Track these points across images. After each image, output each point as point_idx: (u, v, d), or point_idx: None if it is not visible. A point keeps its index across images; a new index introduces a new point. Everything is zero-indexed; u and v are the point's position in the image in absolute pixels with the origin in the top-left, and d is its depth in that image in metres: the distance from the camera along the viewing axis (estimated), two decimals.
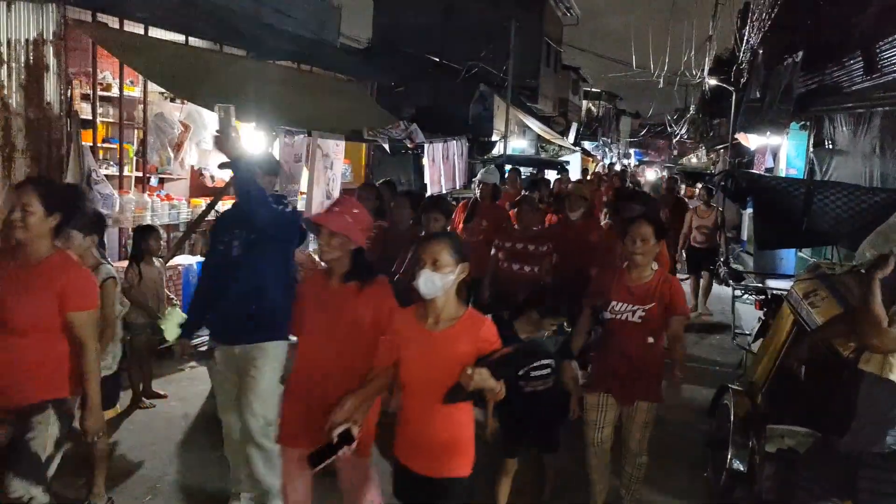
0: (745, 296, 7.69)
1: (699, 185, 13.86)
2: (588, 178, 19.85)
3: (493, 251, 6.15)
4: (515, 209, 6.50)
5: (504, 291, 5.74)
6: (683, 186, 16.96)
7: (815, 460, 3.26)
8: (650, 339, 3.93)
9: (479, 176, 7.95)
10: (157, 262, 5.97)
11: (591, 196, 7.48)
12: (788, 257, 10.01)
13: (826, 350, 3.54)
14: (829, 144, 10.17)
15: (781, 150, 12.61)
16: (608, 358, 4.06)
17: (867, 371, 2.99)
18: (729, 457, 4.04)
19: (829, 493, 3.08)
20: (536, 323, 4.08)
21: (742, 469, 3.95)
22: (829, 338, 3.53)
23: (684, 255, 10.24)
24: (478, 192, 7.46)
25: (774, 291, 6.52)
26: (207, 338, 4.17)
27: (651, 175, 29.58)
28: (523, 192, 9.06)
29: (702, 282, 10.03)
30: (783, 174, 11.65)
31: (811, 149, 10.95)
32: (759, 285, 7.40)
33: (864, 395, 3.00)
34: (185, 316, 4.66)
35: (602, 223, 7.05)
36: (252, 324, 3.79)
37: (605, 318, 3.99)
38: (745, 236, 14.14)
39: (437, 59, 21.83)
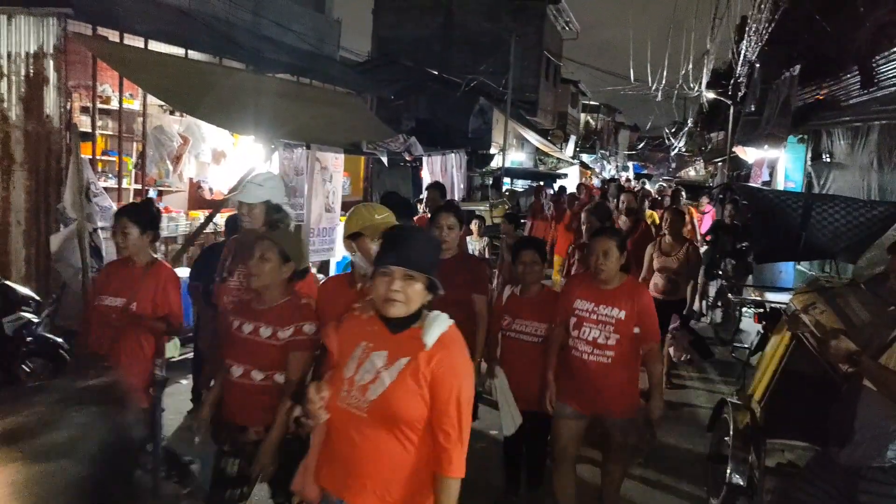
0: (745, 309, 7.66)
1: (705, 200, 13.78)
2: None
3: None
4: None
5: None
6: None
7: (815, 474, 3.24)
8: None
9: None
10: None
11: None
12: (787, 270, 10.01)
13: (825, 364, 3.53)
14: (826, 158, 10.19)
15: (779, 164, 12.64)
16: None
17: (867, 385, 2.98)
18: (729, 471, 4.02)
19: None
20: None
21: (742, 483, 3.92)
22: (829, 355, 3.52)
23: None
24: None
25: (773, 305, 6.51)
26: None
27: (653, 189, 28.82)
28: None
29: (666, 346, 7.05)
30: (781, 187, 11.66)
31: (809, 162, 10.97)
32: (758, 298, 7.39)
33: (864, 409, 2.98)
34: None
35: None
36: None
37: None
38: None
39: (437, 73, 21.92)
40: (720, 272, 9.07)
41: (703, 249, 11.01)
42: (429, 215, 9.50)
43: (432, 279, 2.28)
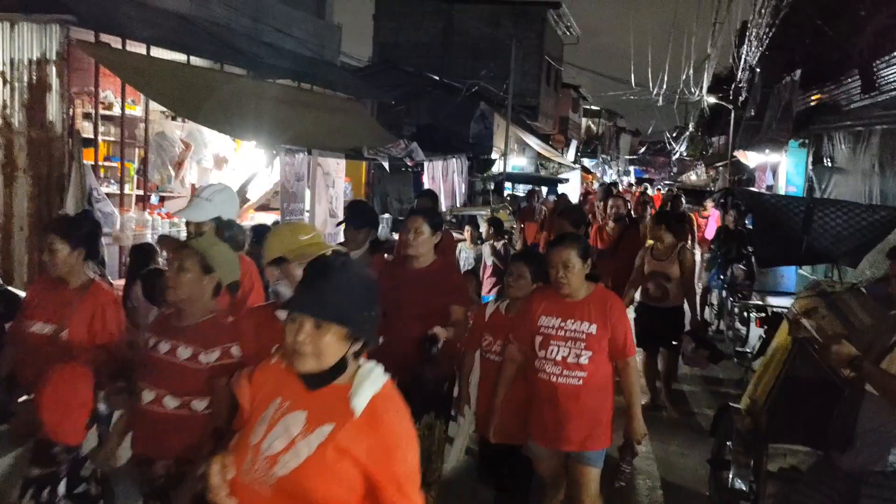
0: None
1: (710, 204, 13.57)
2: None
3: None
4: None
5: None
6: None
7: (816, 479, 3.24)
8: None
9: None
10: None
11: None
12: (789, 275, 10.01)
13: (827, 368, 3.53)
14: (828, 162, 10.20)
15: (781, 168, 12.65)
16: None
17: (869, 390, 2.98)
18: (731, 476, 4.01)
19: None
20: None
21: (744, 488, 3.92)
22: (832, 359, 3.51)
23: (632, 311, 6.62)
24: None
25: (775, 309, 6.51)
26: None
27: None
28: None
29: (660, 362, 6.51)
30: (783, 192, 11.67)
31: (810, 166, 10.98)
32: (760, 303, 7.39)
33: (866, 414, 2.98)
34: None
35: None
36: None
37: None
38: None
39: (437, 78, 21.94)
40: (725, 279, 8.95)
41: (706, 255, 11.00)
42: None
43: (357, 328, 1.85)
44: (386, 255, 5.02)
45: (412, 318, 3.66)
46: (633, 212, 11.78)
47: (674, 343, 6.33)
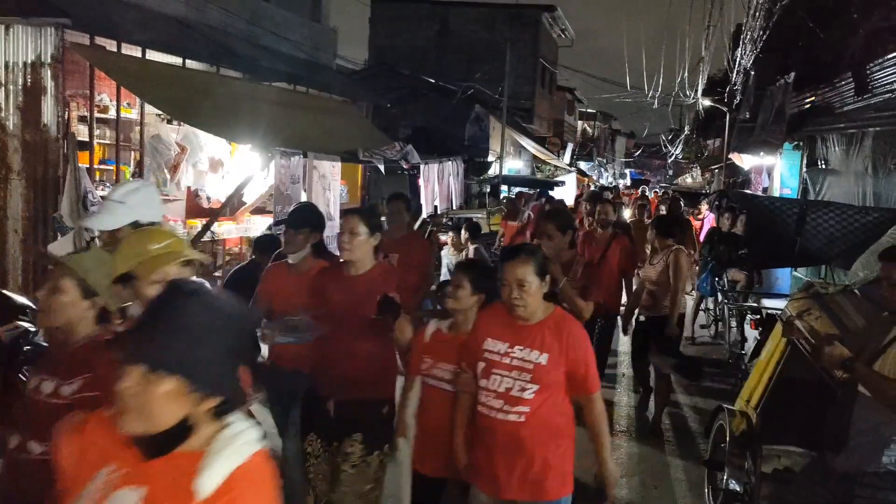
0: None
1: (704, 207, 13.53)
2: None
3: None
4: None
5: None
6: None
7: (810, 480, 3.26)
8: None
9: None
10: None
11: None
12: (784, 277, 10.04)
13: (821, 370, 3.55)
14: (822, 164, 10.24)
15: (775, 170, 12.69)
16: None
17: (862, 391, 3.00)
18: (725, 477, 4.03)
19: None
20: None
21: (739, 489, 3.93)
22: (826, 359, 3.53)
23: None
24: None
25: (770, 311, 6.53)
26: None
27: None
28: None
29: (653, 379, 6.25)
30: (777, 194, 11.71)
31: (805, 168, 11.02)
32: (755, 304, 7.41)
33: (859, 415, 3.00)
34: None
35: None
36: None
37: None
38: None
39: (433, 81, 21.98)
40: (720, 283, 8.91)
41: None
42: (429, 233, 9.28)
43: (202, 381, 1.40)
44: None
45: (346, 332, 3.31)
46: (634, 214, 11.77)
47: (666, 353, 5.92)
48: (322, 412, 3.41)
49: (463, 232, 7.97)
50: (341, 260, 3.49)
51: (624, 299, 6.55)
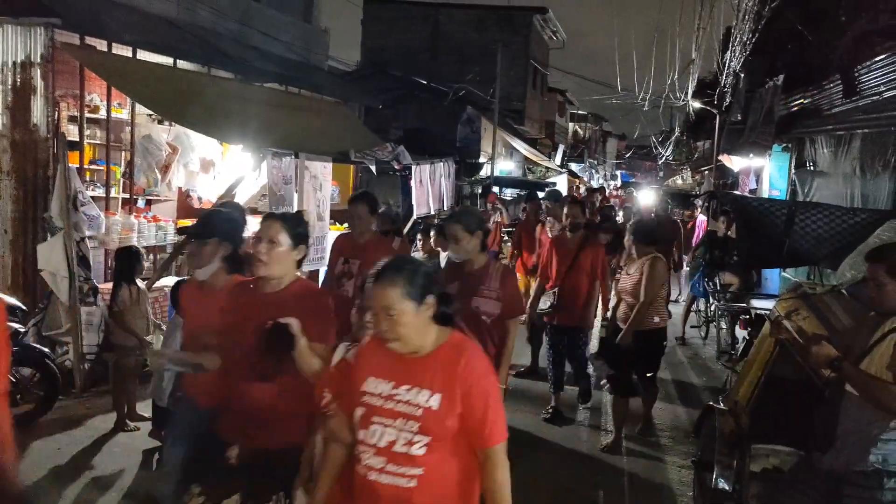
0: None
1: (698, 210, 13.46)
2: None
3: None
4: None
5: None
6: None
7: (799, 479, 3.28)
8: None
9: None
10: (140, 283, 5.95)
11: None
12: (773, 278, 10.10)
13: (809, 370, 3.58)
14: (810, 166, 10.31)
15: (764, 172, 12.76)
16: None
17: (849, 390, 3.03)
18: (714, 476, 4.05)
19: None
20: None
21: (728, 488, 3.96)
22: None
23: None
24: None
25: (759, 311, 6.57)
26: None
27: (646, 199, 24.69)
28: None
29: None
30: (766, 195, 11.78)
31: (793, 170, 11.09)
32: (744, 305, 7.46)
33: (847, 414, 3.03)
34: None
35: None
36: None
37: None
38: None
39: (424, 82, 22.00)
40: (713, 285, 8.92)
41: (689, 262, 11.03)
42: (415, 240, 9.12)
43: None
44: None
45: (253, 362, 2.77)
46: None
47: (648, 375, 5.77)
48: (218, 460, 2.84)
49: (431, 234, 7.49)
50: (254, 275, 2.95)
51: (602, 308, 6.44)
